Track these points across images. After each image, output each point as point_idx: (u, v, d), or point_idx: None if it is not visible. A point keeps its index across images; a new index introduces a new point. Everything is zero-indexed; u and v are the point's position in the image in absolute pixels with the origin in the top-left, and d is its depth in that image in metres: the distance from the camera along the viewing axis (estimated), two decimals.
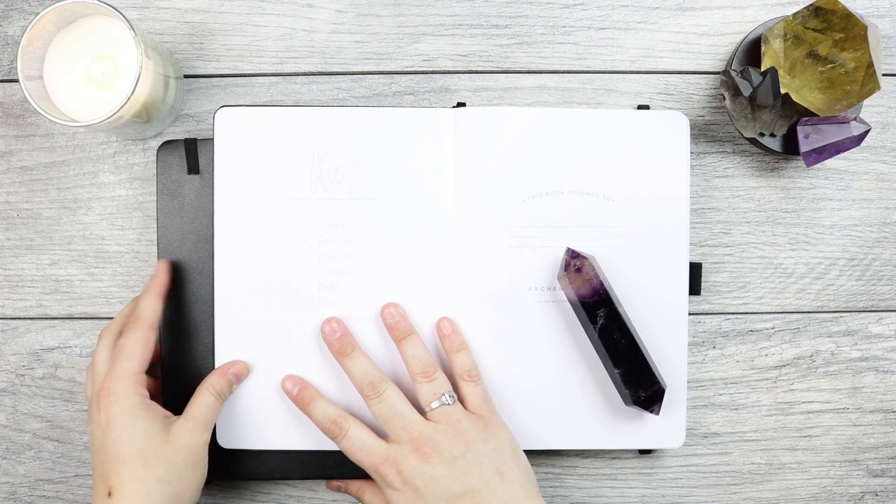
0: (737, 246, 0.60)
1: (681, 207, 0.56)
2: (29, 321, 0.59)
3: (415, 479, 0.49)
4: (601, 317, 0.54)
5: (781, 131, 0.57)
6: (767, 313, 0.60)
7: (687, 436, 0.59)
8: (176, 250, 0.57)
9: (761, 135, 0.57)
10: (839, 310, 0.60)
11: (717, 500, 0.60)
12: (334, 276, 0.55)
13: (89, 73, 0.52)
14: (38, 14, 0.51)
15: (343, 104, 0.59)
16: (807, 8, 0.54)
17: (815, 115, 0.56)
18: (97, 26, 0.52)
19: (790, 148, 0.57)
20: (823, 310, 0.60)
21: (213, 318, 0.55)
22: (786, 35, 0.55)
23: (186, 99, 0.59)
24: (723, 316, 0.60)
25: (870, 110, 0.60)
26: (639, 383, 0.54)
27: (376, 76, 0.59)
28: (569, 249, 0.55)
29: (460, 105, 0.57)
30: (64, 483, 0.59)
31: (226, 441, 0.56)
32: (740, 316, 0.60)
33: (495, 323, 0.56)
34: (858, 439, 0.60)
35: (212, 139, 0.56)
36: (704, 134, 0.60)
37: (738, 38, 0.59)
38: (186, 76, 0.59)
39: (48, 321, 0.59)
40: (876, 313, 0.60)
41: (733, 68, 0.57)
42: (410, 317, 0.55)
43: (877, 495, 0.60)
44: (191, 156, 0.57)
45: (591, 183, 0.56)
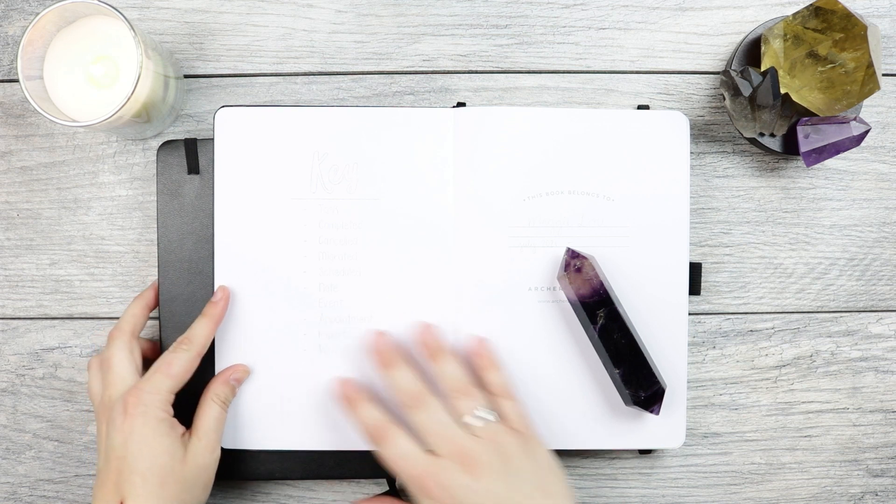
0: (737, 246, 0.60)
1: (681, 207, 0.56)
2: (29, 321, 0.59)
3: (457, 492, 0.48)
4: (601, 317, 0.54)
5: (781, 131, 0.57)
6: (767, 313, 0.60)
7: (687, 436, 0.59)
8: (176, 250, 0.57)
9: (761, 135, 0.57)
10: (839, 310, 0.60)
11: (717, 500, 0.60)
12: (334, 276, 0.55)
13: (89, 74, 0.52)
14: (38, 14, 0.51)
15: (343, 104, 0.59)
16: (807, 8, 0.54)
17: (815, 115, 0.56)
18: (97, 26, 0.52)
19: (790, 148, 0.57)
20: (823, 310, 0.60)
21: None
22: (786, 35, 0.55)
23: (186, 99, 0.59)
24: (723, 316, 0.60)
25: (870, 110, 0.60)
26: (639, 383, 0.54)
27: (376, 76, 0.59)
28: (569, 249, 0.55)
29: (460, 105, 0.57)
30: (64, 483, 0.59)
31: (226, 441, 0.56)
32: (740, 316, 0.60)
33: (495, 323, 0.56)
34: (858, 439, 0.60)
35: (212, 139, 0.56)
36: (704, 134, 0.60)
37: (738, 38, 0.59)
38: (186, 76, 0.59)
39: (48, 321, 0.59)
40: (876, 313, 0.60)
41: (733, 68, 0.57)
42: (410, 317, 0.55)
43: (877, 495, 0.60)
44: (191, 156, 0.57)
45: (590, 183, 0.56)
